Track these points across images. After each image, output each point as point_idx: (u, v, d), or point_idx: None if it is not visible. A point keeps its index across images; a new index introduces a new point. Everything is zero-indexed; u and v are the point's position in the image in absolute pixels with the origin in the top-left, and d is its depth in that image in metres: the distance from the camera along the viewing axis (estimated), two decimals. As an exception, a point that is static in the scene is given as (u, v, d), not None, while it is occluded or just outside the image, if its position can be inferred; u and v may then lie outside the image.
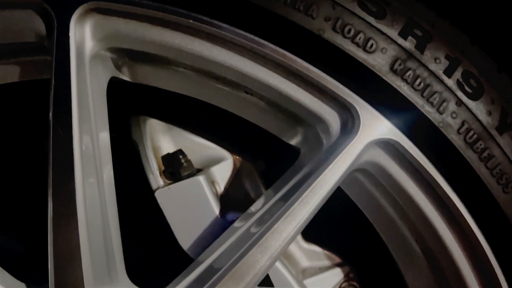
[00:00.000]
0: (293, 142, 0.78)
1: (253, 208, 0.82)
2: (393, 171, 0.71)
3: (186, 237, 0.83)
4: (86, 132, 0.73)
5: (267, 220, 0.71)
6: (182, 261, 0.83)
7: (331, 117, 0.69)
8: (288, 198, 0.71)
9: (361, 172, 0.75)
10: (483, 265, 0.73)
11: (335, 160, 0.68)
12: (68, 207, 0.74)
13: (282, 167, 0.82)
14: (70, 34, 0.67)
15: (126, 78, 0.77)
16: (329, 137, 0.70)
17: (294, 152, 0.83)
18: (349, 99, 0.67)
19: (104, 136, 0.79)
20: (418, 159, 0.69)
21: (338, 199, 0.96)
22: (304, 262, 0.92)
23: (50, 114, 0.71)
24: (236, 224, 0.81)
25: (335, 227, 0.99)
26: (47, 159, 0.72)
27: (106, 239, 0.80)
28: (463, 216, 0.70)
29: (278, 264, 0.85)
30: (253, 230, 0.75)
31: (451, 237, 0.74)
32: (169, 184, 0.83)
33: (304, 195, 0.69)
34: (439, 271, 0.80)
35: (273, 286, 0.85)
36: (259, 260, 0.71)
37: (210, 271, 0.76)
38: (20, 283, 0.84)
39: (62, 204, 0.74)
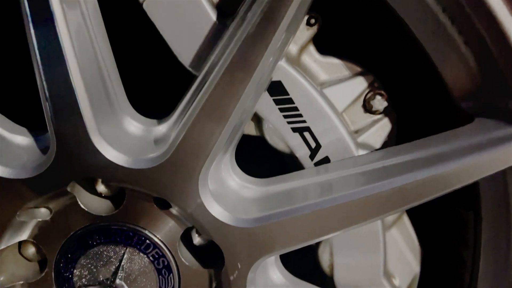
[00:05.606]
0: None
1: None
2: None
3: (185, 51, 0.76)
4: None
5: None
6: (186, 82, 0.76)
7: None
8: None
9: None
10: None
11: None
12: (52, 42, 0.68)
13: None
14: None
15: None
16: None
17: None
18: None
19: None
20: None
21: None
22: (322, 76, 0.83)
23: None
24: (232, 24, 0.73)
25: (351, 36, 0.90)
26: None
27: (100, 69, 0.74)
28: None
29: (291, 70, 0.77)
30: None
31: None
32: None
33: None
34: (477, 45, 0.70)
35: (288, 94, 0.77)
36: (264, 33, 0.63)
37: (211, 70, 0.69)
38: (21, 127, 0.79)
39: (45, 42, 0.69)
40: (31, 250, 0.85)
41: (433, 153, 0.68)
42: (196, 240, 0.80)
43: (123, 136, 0.73)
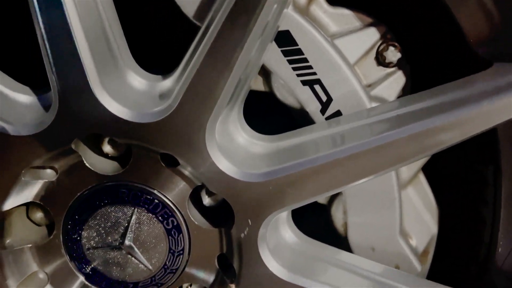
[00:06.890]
0: None
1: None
2: None
3: (189, 1, 0.73)
4: None
5: None
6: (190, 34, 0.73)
7: None
8: None
9: None
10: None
11: None
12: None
13: None
14: None
15: None
16: None
17: None
18: None
19: None
20: None
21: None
22: (332, 27, 0.79)
23: None
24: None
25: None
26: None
27: (102, 22, 0.71)
28: None
29: (300, 19, 0.73)
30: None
31: None
32: None
33: None
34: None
35: (297, 45, 0.74)
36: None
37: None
38: (24, 86, 0.77)
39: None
40: (39, 214, 0.84)
41: (450, 99, 0.65)
42: (206, 200, 0.78)
43: (126, 90, 0.71)
